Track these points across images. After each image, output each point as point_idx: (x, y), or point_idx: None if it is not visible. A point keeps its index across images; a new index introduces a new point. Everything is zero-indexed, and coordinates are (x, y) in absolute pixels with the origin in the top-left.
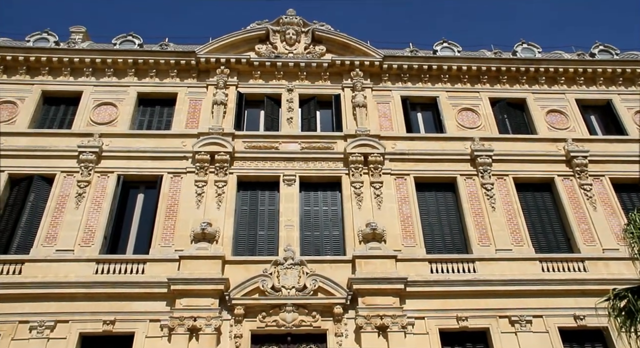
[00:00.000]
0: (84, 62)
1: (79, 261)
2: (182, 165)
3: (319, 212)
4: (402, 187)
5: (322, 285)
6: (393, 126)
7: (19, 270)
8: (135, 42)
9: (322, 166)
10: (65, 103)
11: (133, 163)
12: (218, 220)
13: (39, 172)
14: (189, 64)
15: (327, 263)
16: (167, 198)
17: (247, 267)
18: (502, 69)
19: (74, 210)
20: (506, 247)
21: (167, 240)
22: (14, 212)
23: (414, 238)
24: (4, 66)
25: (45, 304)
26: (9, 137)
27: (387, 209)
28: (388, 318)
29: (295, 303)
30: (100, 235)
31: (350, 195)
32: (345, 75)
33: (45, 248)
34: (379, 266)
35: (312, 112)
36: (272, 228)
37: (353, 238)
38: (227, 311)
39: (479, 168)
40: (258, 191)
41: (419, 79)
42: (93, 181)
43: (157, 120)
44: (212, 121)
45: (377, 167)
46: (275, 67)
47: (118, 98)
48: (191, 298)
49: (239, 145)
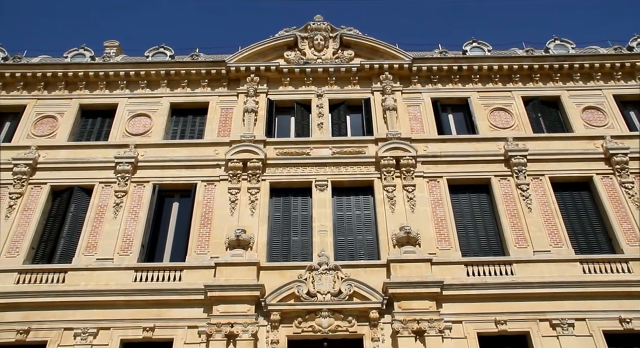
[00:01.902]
0: (119, 75)
1: (118, 269)
2: (215, 173)
3: (351, 217)
4: (435, 190)
5: (357, 290)
6: (424, 128)
7: (62, 278)
8: (166, 54)
9: (353, 170)
10: (101, 115)
11: (168, 172)
12: (252, 226)
13: (79, 183)
14: (220, 73)
15: (362, 268)
16: (202, 206)
17: (282, 273)
18: (534, 67)
19: (112, 219)
20: (544, 248)
21: (202, 248)
22: (57, 223)
23: (449, 241)
24: (44, 82)
25: (87, 311)
26: (50, 150)
27: (421, 212)
28: (425, 322)
29: (330, 308)
30: (138, 243)
31: (383, 199)
32: (374, 79)
33: (86, 257)
34: (414, 270)
35: (343, 117)
36: (305, 234)
37: (387, 243)
38: (264, 317)
39: (514, 168)
40: (291, 197)
41: (449, 80)
42: (130, 191)
43: (189, 129)
44: (244, 129)
45: (409, 170)
46: (305, 73)
47: (152, 109)
48: (228, 305)
49: (270, 152)
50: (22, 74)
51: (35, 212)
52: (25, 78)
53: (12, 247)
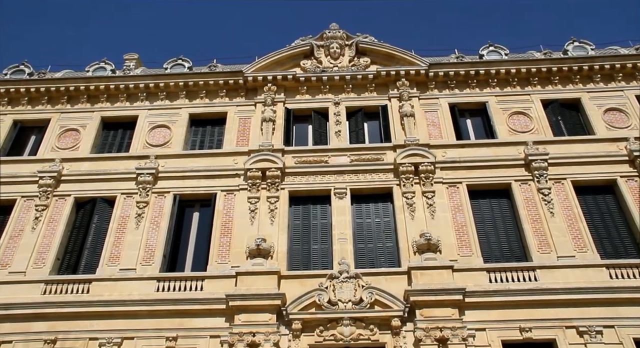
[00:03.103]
0: (139, 88)
1: (141, 279)
2: (234, 182)
3: (371, 224)
4: (455, 196)
5: (379, 298)
6: (442, 134)
7: (87, 289)
8: (185, 65)
9: (372, 178)
10: (122, 127)
11: (188, 182)
12: (272, 235)
13: (101, 194)
14: (237, 83)
15: (382, 276)
16: (222, 216)
17: (302, 281)
18: (553, 70)
19: (135, 230)
20: (568, 253)
21: (223, 257)
22: (81, 234)
23: (470, 248)
24: (67, 96)
25: (112, 321)
26: (74, 163)
27: (441, 219)
28: (448, 330)
29: (352, 316)
30: (160, 253)
31: (403, 205)
32: (391, 86)
33: (110, 268)
34: (436, 277)
35: (360, 124)
36: (325, 242)
37: (407, 250)
38: (285, 326)
39: (535, 173)
40: (310, 205)
41: (467, 84)
42: (151, 201)
43: (208, 139)
44: (262, 138)
45: (428, 176)
46: (321, 82)
47: (171, 120)
48: (249, 314)
49: (289, 161)
50: (46, 88)
51: (60, 223)
52: (49, 92)
53: (38, 258)
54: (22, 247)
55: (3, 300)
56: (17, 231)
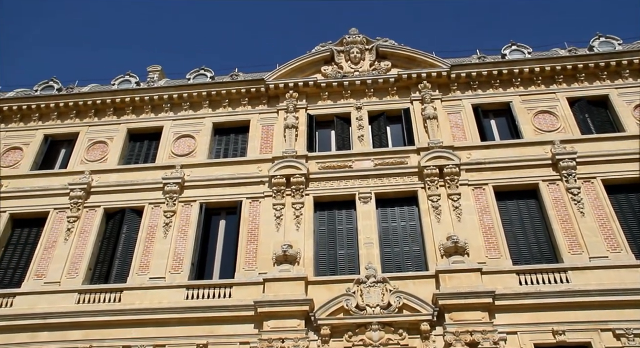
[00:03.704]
0: (163, 99)
1: (170, 287)
2: (259, 189)
3: (397, 228)
4: (481, 198)
5: (407, 302)
6: (466, 135)
7: (118, 297)
8: (207, 75)
9: (397, 181)
10: (148, 138)
11: (213, 191)
12: (298, 241)
13: (130, 205)
14: (259, 91)
15: (410, 280)
16: (248, 223)
17: (330, 286)
18: (578, 67)
19: (163, 239)
20: (601, 254)
21: (250, 264)
22: (111, 244)
23: (499, 250)
24: (95, 110)
25: (143, 329)
26: (102, 174)
27: (468, 221)
28: (478, 333)
29: (380, 321)
30: (188, 261)
31: (428, 209)
32: (413, 89)
33: (140, 277)
34: (464, 280)
35: (383, 128)
36: (351, 247)
37: (434, 253)
38: (314, 331)
39: (563, 172)
40: (335, 210)
41: (490, 85)
42: (178, 210)
43: (232, 147)
44: (285, 145)
45: (453, 178)
46: (343, 87)
47: (195, 129)
48: (278, 320)
49: (312, 167)
50: (74, 103)
51: (91, 234)
52: (78, 107)
53: (71, 268)
54: (56, 258)
55: (40, 309)
56: (51, 242)
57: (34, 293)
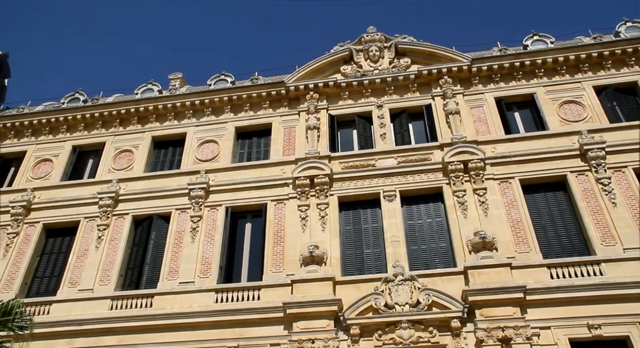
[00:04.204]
0: (185, 105)
1: (200, 292)
2: (284, 191)
3: (423, 225)
4: (507, 191)
5: (436, 299)
6: (490, 129)
7: (150, 303)
8: (227, 80)
9: (421, 178)
10: (172, 145)
11: (238, 194)
12: (324, 242)
13: (157, 211)
14: (280, 93)
15: (438, 277)
16: (274, 225)
17: (358, 286)
18: (604, 54)
19: (190, 244)
20: (635, 245)
21: (277, 266)
22: (140, 250)
23: (528, 244)
24: (119, 119)
25: (175, 333)
26: (129, 182)
27: (495, 216)
28: (510, 329)
29: (410, 319)
30: (216, 265)
31: (454, 205)
32: (433, 84)
33: (169, 282)
34: (494, 276)
35: (405, 125)
36: (378, 246)
37: (462, 249)
38: (343, 331)
39: (591, 162)
40: (360, 210)
41: (512, 77)
42: (204, 215)
43: (255, 151)
44: (308, 146)
45: (478, 173)
46: (363, 86)
47: (218, 134)
48: (307, 321)
49: (336, 167)
50: (100, 113)
51: (121, 241)
52: (103, 117)
53: (103, 275)
54: (88, 266)
55: (75, 316)
56: (83, 250)
57: (69, 300)
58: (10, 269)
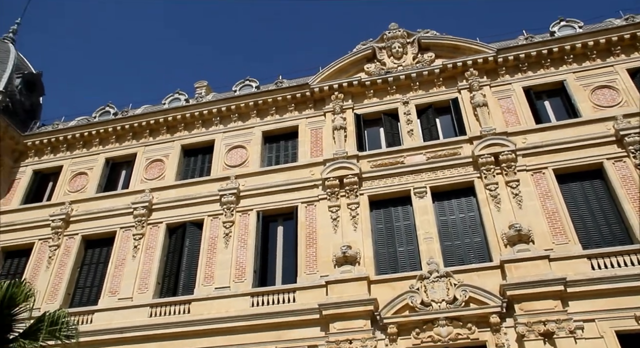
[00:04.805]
0: (212, 113)
1: (235, 296)
2: (314, 193)
3: (456, 221)
4: (541, 182)
5: (473, 295)
6: (520, 120)
7: (187, 309)
8: (252, 85)
9: (451, 173)
10: (201, 152)
11: (268, 198)
12: (357, 241)
13: (190, 219)
14: (304, 95)
15: (474, 272)
16: (305, 227)
17: (392, 284)
18: (638, 35)
19: (224, 249)
20: None
21: (311, 268)
22: (175, 257)
23: (566, 235)
24: (149, 130)
25: (214, 338)
26: (162, 191)
27: (529, 207)
28: (552, 323)
29: (447, 316)
30: (250, 269)
31: (486, 198)
32: (459, 78)
33: (205, 287)
34: (531, 269)
35: (432, 121)
36: (410, 243)
37: (497, 243)
38: (380, 331)
39: (629, 148)
40: (391, 208)
41: (540, 65)
42: (236, 220)
43: (283, 154)
44: (335, 146)
45: (510, 165)
46: (387, 83)
47: (246, 140)
48: (344, 322)
49: (364, 166)
50: (130, 125)
51: (157, 249)
52: (133, 128)
53: (141, 283)
54: (127, 275)
55: (116, 324)
56: (120, 260)
57: (110, 309)
58: (53, 280)
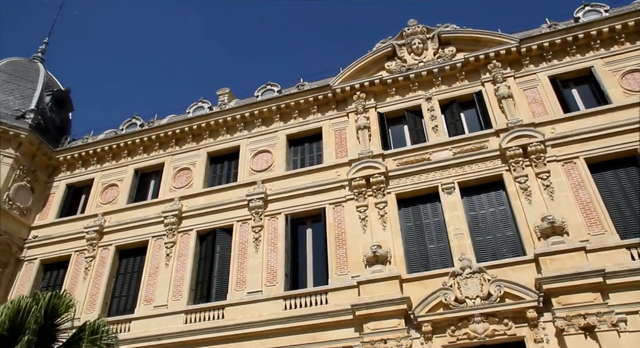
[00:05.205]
0: (236, 119)
1: (268, 300)
2: (340, 194)
3: (486, 215)
4: (573, 172)
5: (508, 290)
6: (547, 110)
7: (221, 314)
8: (274, 90)
9: (479, 167)
10: (227, 159)
11: (296, 201)
12: (386, 241)
13: (219, 225)
14: (326, 97)
15: (508, 267)
16: (334, 228)
17: (424, 282)
18: None
19: (255, 254)
20: None
21: (342, 269)
22: (207, 264)
23: (601, 225)
24: (175, 139)
25: (248, 342)
26: (190, 199)
27: (561, 198)
28: (592, 316)
29: (483, 312)
30: (281, 273)
31: (516, 191)
32: (482, 70)
33: (238, 292)
34: (567, 261)
35: (456, 115)
36: (441, 240)
37: (530, 236)
38: (415, 329)
39: None
40: (419, 205)
41: (565, 53)
42: (265, 224)
43: (308, 156)
44: (360, 146)
45: (539, 156)
46: (409, 80)
47: (270, 144)
48: (377, 321)
49: (390, 164)
50: (156, 135)
51: (188, 256)
52: (160, 138)
53: (175, 290)
54: (160, 282)
55: (154, 331)
56: (154, 268)
57: (146, 317)
58: (91, 291)
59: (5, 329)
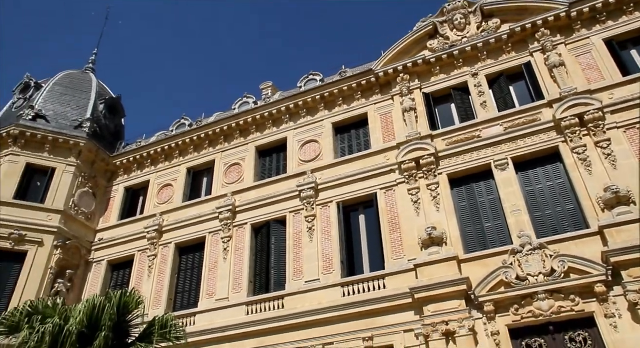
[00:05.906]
0: (281, 111)
1: (326, 288)
2: (391, 178)
3: (544, 190)
4: (636, 138)
5: (572, 265)
6: (604, 75)
7: (281, 304)
8: (317, 79)
9: (532, 141)
10: (275, 152)
11: (347, 188)
12: (441, 222)
13: (273, 217)
14: (370, 82)
15: (570, 241)
16: (387, 213)
17: (483, 262)
18: None
19: (309, 243)
20: None
21: (397, 253)
22: (264, 256)
23: None
24: (224, 136)
25: (309, 331)
26: (243, 194)
27: (625, 167)
28: None
29: (547, 289)
30: (337, 260)
31: (575, 162)
32: (530, 40)
33: (296, 282)
34: (636, 232)
35: (505, 89)
36: (497, 218)
37: (592, 208)
38: (476, 310)
39: None
40: (472, 184)
41: (622, 12)
42: (317, 214)
43: (356, 143)
44: (407, 129)
45: (597, 124)
46: (453, 57)
47: (317, 134)
48: (437, 304)
49: (440, 145)
50: (205, 133)
51: (245, 250)
52: (209, 137)
53: (235, 283)
54: (220, 276)
55: (218, 324)
56: (213, 263)
57: (210, 310)
58: (155, 288)
59: (84, 326)
